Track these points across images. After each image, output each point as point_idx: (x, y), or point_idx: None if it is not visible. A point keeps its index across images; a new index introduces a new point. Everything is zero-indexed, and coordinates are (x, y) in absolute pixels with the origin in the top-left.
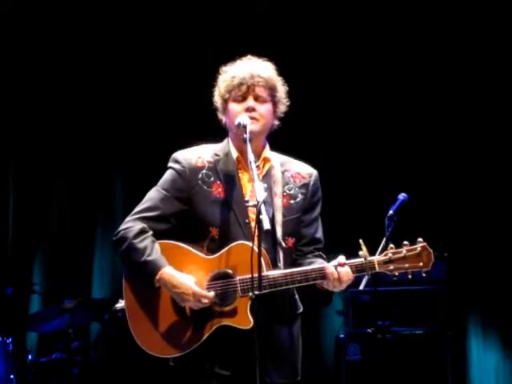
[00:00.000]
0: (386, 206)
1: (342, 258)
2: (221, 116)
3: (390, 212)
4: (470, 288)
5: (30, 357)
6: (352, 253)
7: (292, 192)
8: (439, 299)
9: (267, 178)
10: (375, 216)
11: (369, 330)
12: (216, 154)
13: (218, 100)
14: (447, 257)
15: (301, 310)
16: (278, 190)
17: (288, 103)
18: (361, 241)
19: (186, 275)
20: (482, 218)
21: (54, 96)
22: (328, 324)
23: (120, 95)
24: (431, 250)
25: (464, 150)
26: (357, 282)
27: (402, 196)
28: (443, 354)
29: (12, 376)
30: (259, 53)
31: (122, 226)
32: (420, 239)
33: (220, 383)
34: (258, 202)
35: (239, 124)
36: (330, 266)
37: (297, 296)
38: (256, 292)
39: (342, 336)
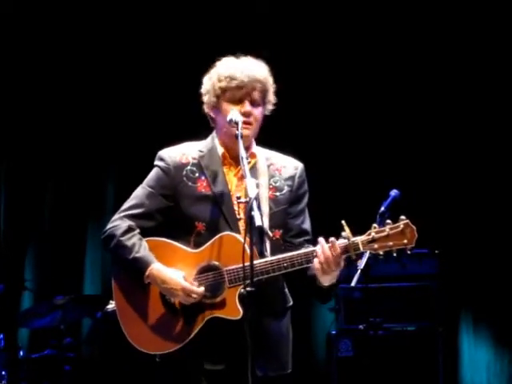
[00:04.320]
0: (377, 202)
1: (321, 240)
2: (207, 109)
3: (382, 209)
4: (462, 284)
5: (21, 353)
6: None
7: (278, 184)
8: (431, 296)
9: (253, 171)
10: (367, 212)
11: (360, 327)
12: (200, 151)
13: (208, 94)
14: (439, 253)
15: (291, 303)
16: (263, 181)
17: (276, 101)
18: (343, 222)
19: (175, 270)
20: (474, 215)
21: (47, 94)
22: (320, 320)
23: (112, 93)
24: (414, 227)
25: (455, 146)
26: (348, 278)
27: (393, 192)
28: (435, 350)
29: (4, 372)
30: (259, 53)
31: (109, 225)
32: (402, 217)
33: (211, 379)
34: (250, 199)
35: (231, 120)
36: (317, 247)
37: (286, 290)
38: (248, 288)
39: (333, 332)
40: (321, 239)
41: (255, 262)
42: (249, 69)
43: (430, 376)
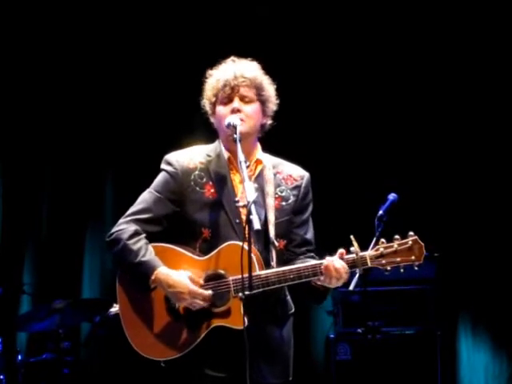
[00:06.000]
0: (376, 205)
1: (342, 251)
2: (212, 119)
3: (380, 212)
4: (460, 288)
5: (19, 357)
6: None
7: (284, 194)
8: (429, 299)
9: (259, 178)
10: (365, 216)
11: (359, 330)
12: (208, 155)
13: (206, 104)
14: (437, 257)
15: (293, 310)
16: (270, 190)
17: (278, 101)
18: (352, 237)
19: (181, 273)
20: (472, 218)
21: (44, 97)
22: (318, 324)
23: (111, 96)
24: (422, 244)
25: (454, 150)
26: (347, 281)
27: (391, 196)
28: (433, 353)
29: (2, 376)
30: (258, 56)
31: (116, 228)
32: (411, 233)
33: None
34: (248, 202)
35: (229, 124)
36: (330, 260)
37: (289, 297)
38: (246, 292)
39: (332, 336)
40: (331, 260)
41: (261, 272)
42: (235, 67)
43: (428, 379)
